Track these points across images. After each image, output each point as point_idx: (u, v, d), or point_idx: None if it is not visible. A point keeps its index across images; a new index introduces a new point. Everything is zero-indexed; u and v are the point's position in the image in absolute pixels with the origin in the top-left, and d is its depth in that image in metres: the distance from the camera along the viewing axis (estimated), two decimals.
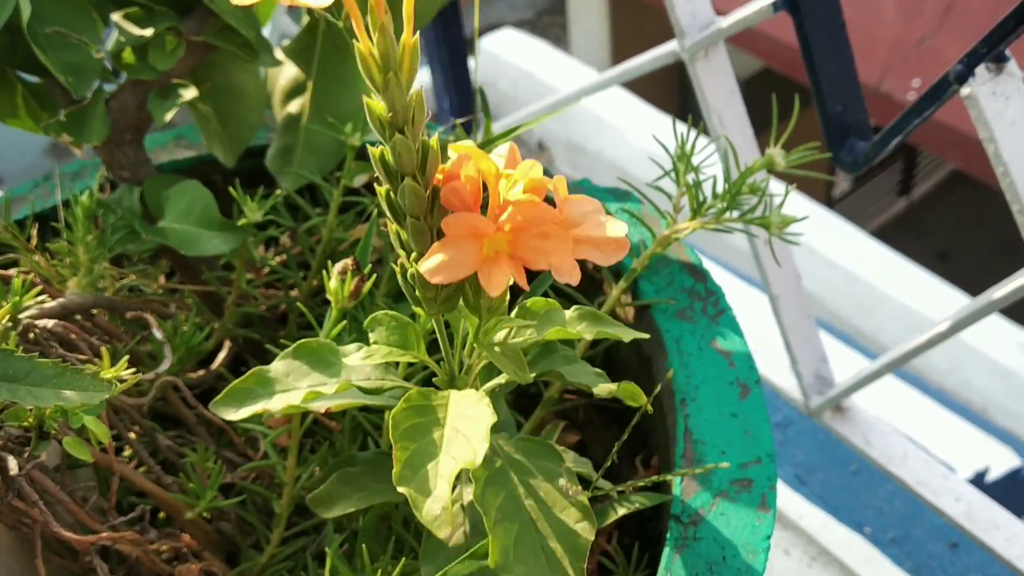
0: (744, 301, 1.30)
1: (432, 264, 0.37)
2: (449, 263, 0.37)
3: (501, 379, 0.46)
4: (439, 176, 0.39)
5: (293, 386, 0.45)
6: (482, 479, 0.40)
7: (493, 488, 0.41)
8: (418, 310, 0.42)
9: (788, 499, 0.98)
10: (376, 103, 0.37)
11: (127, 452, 0.55)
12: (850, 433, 0.82)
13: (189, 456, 0.55)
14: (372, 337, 0.44)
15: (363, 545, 0.50)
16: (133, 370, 0.47)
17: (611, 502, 0.51)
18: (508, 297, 0.42)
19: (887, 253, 2.02)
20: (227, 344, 0.64)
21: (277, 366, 0.46)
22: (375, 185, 0.39)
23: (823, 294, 1.98)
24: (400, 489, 0.37)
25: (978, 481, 1.26)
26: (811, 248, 1.95)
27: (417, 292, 0.41)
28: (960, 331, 0.68)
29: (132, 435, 0.55)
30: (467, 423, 0.39)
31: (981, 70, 0.56)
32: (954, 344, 1.74)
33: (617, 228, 0.39)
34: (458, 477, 0.41)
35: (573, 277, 0.38)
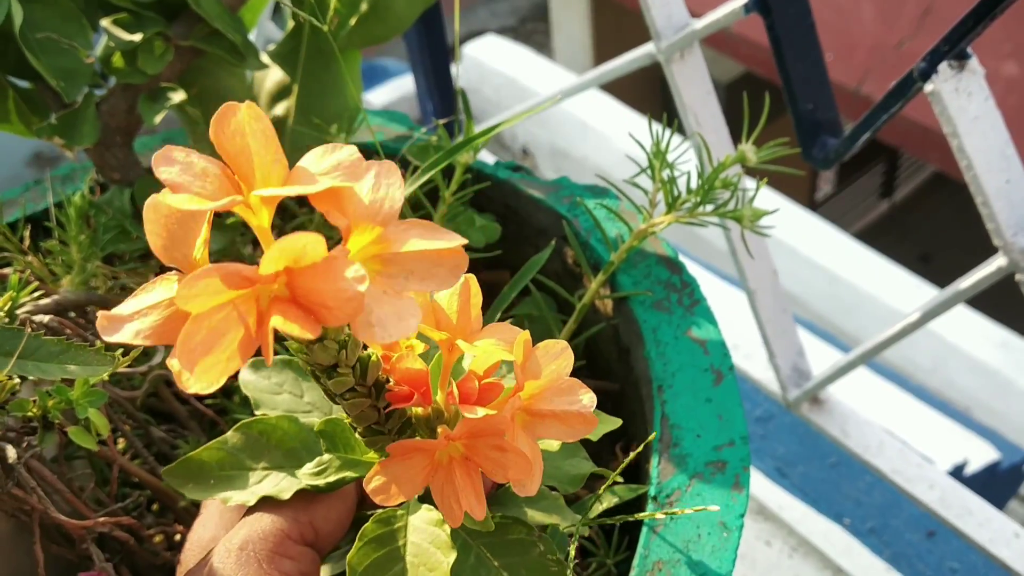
0: (726, 301, 1.32)
1: (376, 485, 0.35)
2: (397, 483, 0.35)
3: None
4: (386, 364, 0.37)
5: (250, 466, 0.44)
6: None
7: None
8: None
9: (769, 491, 1.00)
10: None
11: (121, 444, 0.56)
12: (827, 424, 0.84)
13: (182, 448, 0.56)
14: (323, 445, 0.42)
15: None
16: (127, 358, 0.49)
17: (595, 495, 0.52)
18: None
19: (869, 255, 2.05)
20: None
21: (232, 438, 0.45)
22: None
23: (806, 295, 2.00)
24: None
25: (957, 474, 1.28)
26: (794, 250, 1.97)
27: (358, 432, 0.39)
28: (931, 320, 0.70)
29: (127, 428, 0.56)
30: (428, 556, 0.38)
31: (944, 67, 0.58)
32: (937, 343, 1.76)
33: (585, 400, 0.37)
34: None
35: (532, 489, 0.36)
